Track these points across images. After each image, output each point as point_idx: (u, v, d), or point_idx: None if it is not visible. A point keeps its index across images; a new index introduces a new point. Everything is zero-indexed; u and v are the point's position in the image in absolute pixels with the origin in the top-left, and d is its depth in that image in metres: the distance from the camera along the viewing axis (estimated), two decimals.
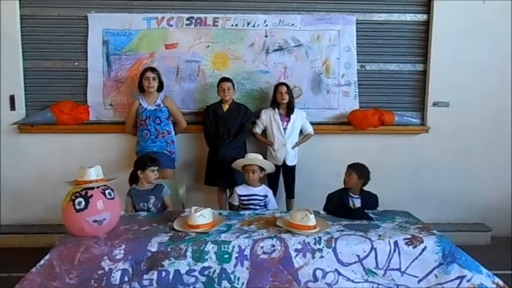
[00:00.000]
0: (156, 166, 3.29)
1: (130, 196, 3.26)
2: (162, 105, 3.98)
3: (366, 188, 3.31)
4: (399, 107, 4.43)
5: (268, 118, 4.10)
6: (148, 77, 3.92)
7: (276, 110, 4.08)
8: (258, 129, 4.14)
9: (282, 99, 4.02)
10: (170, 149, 4.02)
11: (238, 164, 3.51)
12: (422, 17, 4.35)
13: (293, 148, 4.09)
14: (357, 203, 3.25)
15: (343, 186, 3.34)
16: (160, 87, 4.01)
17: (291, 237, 2.56)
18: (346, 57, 4.33)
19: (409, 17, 4.36)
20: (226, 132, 4.01)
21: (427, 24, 4.35)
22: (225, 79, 4.04)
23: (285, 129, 4.06)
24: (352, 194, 3.28)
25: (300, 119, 4.12)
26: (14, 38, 4.14)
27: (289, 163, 4.09)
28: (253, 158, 3.46)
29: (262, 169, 3.46)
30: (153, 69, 3.98)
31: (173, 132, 4.06)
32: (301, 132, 4.17)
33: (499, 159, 4.45)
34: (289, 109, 4.07)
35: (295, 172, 4.18)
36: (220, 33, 4.24)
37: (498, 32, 4.30)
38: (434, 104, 4.39)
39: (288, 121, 4.07)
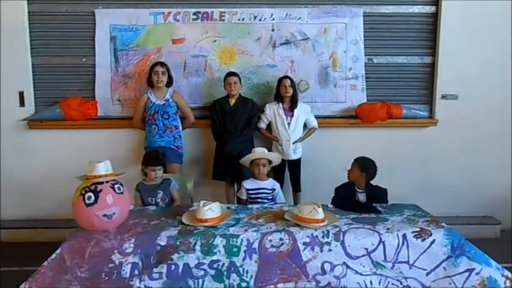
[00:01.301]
0: (159, 166, 3.29)
1: (139, 191, 3.29)
2: (170, 100, 3.98)
3: (374, 182, 3.27)
4: (407, 100, 4.40)
5: (272, 113, 4.08)
6: (158, 71, 3.92)
7: (280, 104, 4.06)
8: (262, 124, 4.13)
9: (285, 93, 4.01)
10: (177, 144, 4.03)
11: (246, 159, 3.52)
12: (430, 9, 4.30)
13: (294, 143, 4.05)
14: (362, 197, 3.22)
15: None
16: (169, 82, 4.02)
17: (299, 231, 2.57)
18: (353, 50, 4.31)
19: (416, 9, 4.31)
20: (233, 126, 4.01)
21: (435, 16, 4.31)
22: (231, 73, 4.04)
23: (289, 124, 4.04)
24: (357, 188, 3.25)
25: (303, 113, 4.10)
26: (22, 35, 4.17)
27: (291, 157, 4.07)
28: (261, 152, 3.48)
29: (269, 162, 3.47)
30: (162, 64, 3.99)
31: (181, 128, 4.07)
32: (305, 125, 4.16)
33: (508, 152, 4.41)
34: (293, 103, 4.05)
35: (301, 165, 4.18)
36: (227, 27, 4.24)
37: (507, 23, 4.24)
38: (443, 97, 4.36)
39: (292, 116, 4.05)
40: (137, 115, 4.08)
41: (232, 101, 4.04)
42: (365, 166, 3.22)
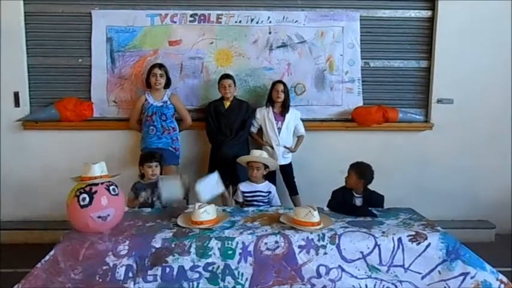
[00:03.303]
0: (154, 162, 3.32)
1: (135, 191, 3.29)
2: (168, 102, 3.98)
3: (371, 187, 3.26)
4: (403, 104, 4.41)
5: (263, 117, 4.07)
6: (156, 73, 3.92)
7: (271, 108, 4.05)
8: (253, 129, 4.12)
9: (277, 97, 4.00)
10: (175, 146, 4.02)
11: (243, 159, 3.52)
12: (426, 14, 4.33)
13: (284, 147, 4.02)
14: (359, 201, 3.22)
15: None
16: (167, 84, 4.02)
17: (294, 234, 2.56)
18: (349, 54, 4.32)
19: (413, 14, 4.34)
20: (228, 129, 3.99)
21: (431, 21, 4.33)
22: (225, 76, 4.03)
23: (279, 128, 4.03)
24: (354, 193, 3.25)
25: (294, 119, 4.08)
26: (18, 35, 4.15)
27: (279, 163, 3.95)
28: (259, 155, 3.47)
29: (265, 166, 3.46)
30: (161, 66, 3.98)
31: (178, 129, 4.06)
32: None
33: (503, 156, 4.43)
34: (284, 108, 4.04)
35: (292, 169, 4.15)
36: (224, 29, 4.24)
37: (503, 28, 4.27)
38: (439, 101, 4.37)
39: (283, 121, 4.04)
40: (134, 116, 4.07)
41: (227, 104, 4.03)
42: (362, 173, 3.21)
